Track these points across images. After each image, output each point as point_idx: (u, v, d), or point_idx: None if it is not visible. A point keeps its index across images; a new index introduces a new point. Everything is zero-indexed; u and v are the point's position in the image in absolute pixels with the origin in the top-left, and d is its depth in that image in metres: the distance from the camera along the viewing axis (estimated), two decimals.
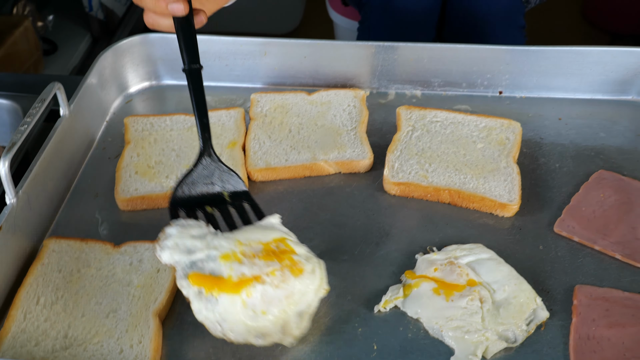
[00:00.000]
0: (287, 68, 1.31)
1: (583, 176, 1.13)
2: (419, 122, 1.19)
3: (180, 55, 0.98)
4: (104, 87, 1.26)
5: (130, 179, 1.10)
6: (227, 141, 1.17)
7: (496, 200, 1.05)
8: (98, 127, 1.24)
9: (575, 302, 0.93)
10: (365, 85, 1.32)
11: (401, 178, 1.09)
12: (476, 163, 1.11)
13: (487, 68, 1.28)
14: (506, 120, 1.19)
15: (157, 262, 0.98)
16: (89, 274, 0.97)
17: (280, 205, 1.09)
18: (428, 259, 0.97)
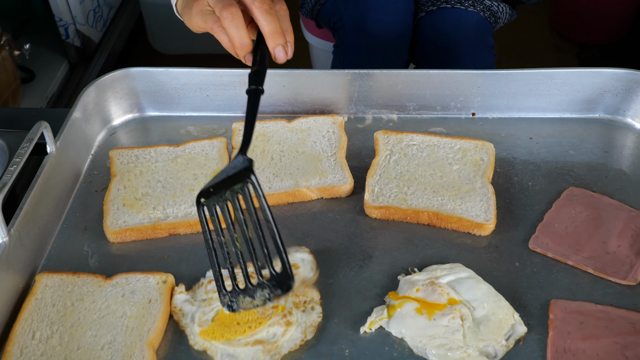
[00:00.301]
0: (267, 97, 1.31)
1: (555, 193, 1.17)
2: (396, 145, 1.23)
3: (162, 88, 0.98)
4: (88, 121, 1.29)
5: (118, 211, 1.13)
6: (211, 171, 1.20)
7: (473, 221, 1.10)
8: (84, 161, 1.27)
9: (551, 317, 0.97)
10: (343, 111, 1.36)
11: (381, 202, 1.13)
12: (453, 184, 1.16)
13: (459, 91, 1.32)
14: (480, 142, 1.24)
15: (148, 293, 1.01)
16: (82, 307, 0.99)
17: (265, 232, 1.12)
18: (410, 280, 1.01)
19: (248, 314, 0.95)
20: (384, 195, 1.14)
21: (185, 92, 1.35)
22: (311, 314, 0.98)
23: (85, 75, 2.70)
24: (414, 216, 1.12)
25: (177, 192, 1.16)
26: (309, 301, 0.99)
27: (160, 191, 1.17)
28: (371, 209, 1.12)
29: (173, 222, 1.11)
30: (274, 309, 0.96)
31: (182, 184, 1.18)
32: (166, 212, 1.13)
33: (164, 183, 1.18)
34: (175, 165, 1.22)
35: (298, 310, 0.97)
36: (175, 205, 1.14)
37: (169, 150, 1.25)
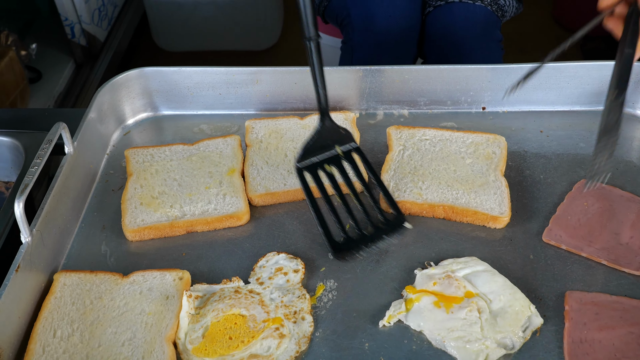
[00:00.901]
0: (279, 94, 1.35)
1: (566, 186, 1.18)
2: (409, 141, 1.24)
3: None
4: (103, 121, 1.30)
5: (136, 210, 1.14)
6: (226, 169, 1.21)
7: (488, 214, 1.11)
8: (100, 161, 1.28)
9: (567, 308, 0.98)
10: (355, 107, 1.36)
11: (397, 197, 1.14)
12: (466, 178, 1.17)
13: (470, 86, 1.33)
14: (491, 135, 1.25)
15: (165, 289, 1.02)
16: (101, 305, 1.01)
17: (282, 228, 1.13)
18: (427, 274, 1.02)
19: (240, 328, 0.95)
20: (400, 190, 1.15)
21: (198, 90, 1.35)
22: (302, 324, 0.98)
23: (91, 74, 2.71)
24: (430, 210, 1.13)
25: (193, 190, 1.17)
26: (299, 311, 0.99)
27: (177, 189, 1.18)
28: (387, 205, 1.13)
29: (190, 220, 1.12)
30: (265, 323, 0.97)
31: (197, 182, 1.19)
32: (183, 210, 1.14)
33: (180, 181, 1.19)
34: (190, 164, 1.23)
35: (289, 322, 0.98)
36: (192, 203, 1.15)
37: (184, 148, 1.26)
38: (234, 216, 1.13)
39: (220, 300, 0.99)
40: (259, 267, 1.06)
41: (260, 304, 0.99)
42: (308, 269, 1.06)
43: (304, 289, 1.03)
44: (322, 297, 1.02)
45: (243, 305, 0.98)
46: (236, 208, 1.14)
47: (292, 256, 1.07)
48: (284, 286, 1.03)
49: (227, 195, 1.16)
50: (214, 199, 1.16)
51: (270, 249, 1.09)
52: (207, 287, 1.03)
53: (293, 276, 1.04)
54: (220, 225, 1.13)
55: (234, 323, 0.96)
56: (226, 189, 1.17)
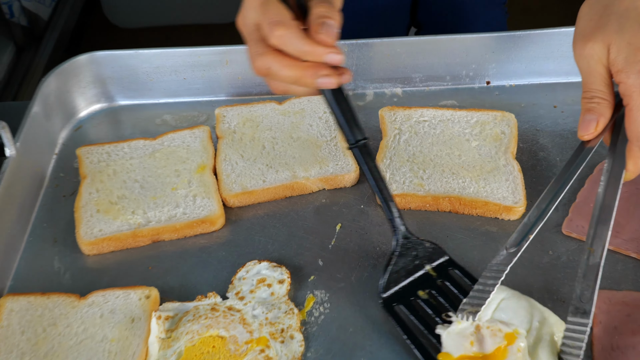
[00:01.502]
0: (252, 76, 1.32)
1: (587, 169, 1.16)
2: (404, 123, 1.22)
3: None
4: (50, 115, 1.26)
5: (92, 218, 1.11)
6: (195, 165, 1.18)
7: (500, 204, 1.09)
8: (47, 162, 1.24)
9: (594, 310, 0.96)
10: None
11: (395, 189, 1.12)
12: (473, 164, 1.15)
13: (471, 58, 1.31)
14: (499, 113, 1.23)
15: (130, 311, 0.99)
16: (56, 333, 0.98)
17: (263, 232, 1.11)
18: (455, 333, 0.96)
19: (219, 352, 0.93)
20: (398, 182, 1.13)
21: (159, 76, 1.33)
22: (291, 343, 0.96)
23: (35, 59, 2.67)
24: (434, 203, 1.11)
25: (158, 193, 1.14)
26: (287, 329, 0.97)
27: (139, 192, 1.15)
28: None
29: (156, 228, 1.10)
30: (247, 344, 0.94)
31: (163, 182, 1.16)
32: (147, 217, 1.11)
33: (142, 183, 1.16)
34: (153, 162, 1.20)
35: (276, 342, 0.95)
36: (157, 207, 1.12)
37: (145, 144, 1.23)
38: (207, 220, 1.10)
39: (195, 321, 0.96)
40: (238, 279, 1.04)
41: (241, 323, 0.96)
42: (295, 279, 1.04)
43: (291, 302, 1.00)
44: (313, 311, 1.00)
45: (222, 325, 0.95)
46: (209, 211, 1.11)
47: (276, 264, 1.05)
48: (268, 300, 1.00)
49: (198, 197, 1.13)
50: (183, 201, 1.13)
51: (250, 258, 1.07)
52: (178, 305, 1.00)
53: (278, 288, 1.02)
54: (191, 232, 1.11)
55: (211, 347, 0.94)
56: (196, 189, 1.14)
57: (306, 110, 1.27)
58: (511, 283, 1.00)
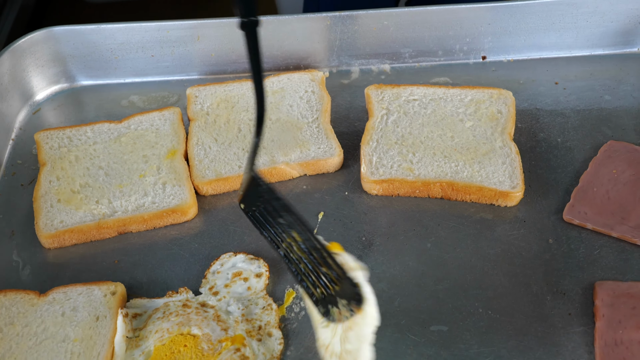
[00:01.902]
0: (227, 53, 1.32)
1: (590, 150, 1.17)
2: (393, 103, 1.22)
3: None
4: (5, 97, 1.26)
5: (53, 209, 1.11)
6: (164, 150, 1.18)
7: (496, 189, 1.09)
8: (3, 148, 1.24)
9: (597, 303, 0.97)
10: (323, 64, 1.34)
11: (382, 174, 1.12)
12: (467, 146, 1.15)
13: (465, 31, 1.31)
14: (495, 90, 1.23)
15: (94, 308, 0.99)
16: (14, 333, 0.98)
17: (239, 222, 1.11)
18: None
19: (191, 352, 0.93)
20: (385, 166, 1.13)
21: (124, 53, 1.32)
22: (270, 341, 0.96)
23: None
24: (424, 189, 1.11)
25: (124, 180, 1.14)
26: (264, 326, 0.98)
27: (104, 180, 1.15)
28: (370, 184, 1.11)
29: (123, 218, 1.10)
30: (222, 343, 0.94)
31: (129, 169, 1.16)
32: (113, 206, 1.11)
33: (107, 170, 1.16)
34: (119, 147, 1.19)
35: (253, 340, 0.96)
36: (123, 196, 1.12)
37: (110, 127, 1.23)
38: (178, 210, 1.10)
39: (165, 318, 0.96)
40: (212, 273, 1.04)
41: (215, 320, 0.96)
42: (273, 272, 1.04)
43: (270, 297, 1.01)
44: (293, 307, 1.00)
45: (194, 323, 0.95)
46: (180, 200, 1.11)
47: (253, 257, 1.05)
48: (244, 295, 1.01)
49: (168, 184, 1.13)
50: (152, 189, 1.13)
51: (225, 250, 1.07)
52: (147, 302, 1.01)
53: (255, 282, 1.02)
54: (160, 222, 1.11)
55: (183, 346, 0.94)
56: (166, 176, 1.14)
57: (286, 89, 1.27)
58: (509, 273, 1.01)
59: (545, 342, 0.94)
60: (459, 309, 0.98)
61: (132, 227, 1.10)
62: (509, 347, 0.94)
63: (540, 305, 0.98)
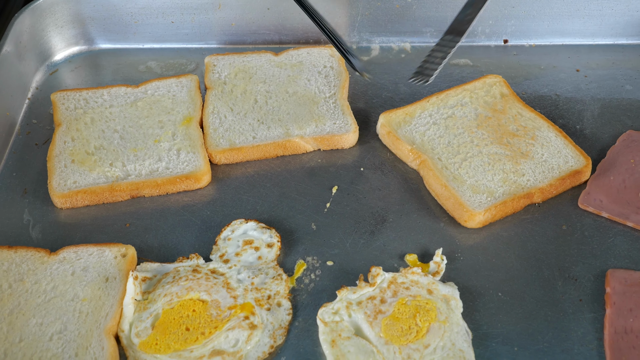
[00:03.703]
0: (247, 23, 1.32)
1: (608, 139, 1.17)
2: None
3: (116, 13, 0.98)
4: (23, 56, 1.26)
5: (67, 169, 1.11)
6: (180, 117, 1.18)
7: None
8: (19, 107, 1.24)
9: (608, 290, 0.97)
10: (344, 39, 1.33)
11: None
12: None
13: (488, 13, 1.31)
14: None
15: (104, 269, 0.99)
16: (23, 289, 0.98)
17: (252, 192, 1.11)
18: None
19: (199, 317, 0.93)
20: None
21: (145, 18, 1.32)
22: (278, 311, 0.96)
23: None
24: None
25: (139, 145, 1.14)
26: (274, 295, 0.98)
27: (118, 143, 1.15)
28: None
29: (136, 182, 1.10)
30: (231, 310, 0.94)
31: (144, 133, 1.16)
32: (127, 170, 1.11)
33: (122, 133, 1.16)
34: (135, 111, 1.19)
35: (262, 309, 0.96)
36: (137, 160, 1.12)
37: (127, 91, 1.23)
38: (191, 177, 1.10)
39: (175, 282, 0.96)
40: (223, 239, 1.04)
41: (225, 287, 0.97)
42: (285, 243, 1.04)
43: (280, 267, 1.01)
44: (303, 278, 1.00)
45: (203, 288, 0.96)
46: (194, 167, 1.11)
47: (265, 226, 1.05)
48: (254, 264, 1.01)
49: (182, 151, 1.13)
50: (166, 155, 1.13)
51: (237, 218, 1.07)
52: (157, 266, 1.01)
53: (266, 252, 1.02)
54: (173, 188, 1.11)
55: (191, 310, 0.94)
56: (181, 142, 1.14)
57: (304, 63, 1.26)
58: (521, 257, 1.01)
59: (555, 327, 0.94)
60: (469, 289, 0.98)
61: (145, 192, 1.11)
62: (518, 330, 0.94)
63: (551, 289, 0.98)
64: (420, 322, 0.92)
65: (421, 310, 0.93)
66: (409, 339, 0.90)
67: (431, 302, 0.94)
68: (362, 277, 0.98)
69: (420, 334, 0.91)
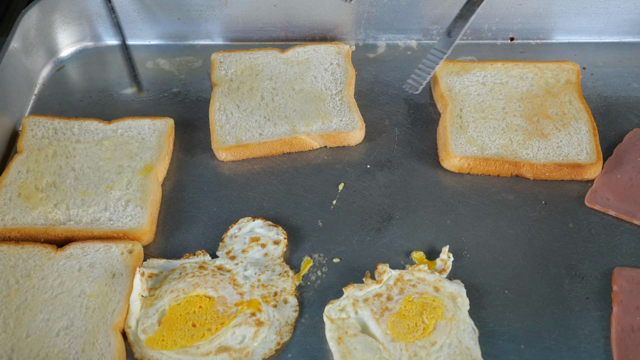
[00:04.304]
0: (254, 20, 1.32)
1: (615, 137, 1.16)
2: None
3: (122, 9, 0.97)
4: (30, 52, 1.26)
5: (10, 202, 1.08)
6: (141, 164, 1.13)
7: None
8: (25, 103, 1.25)
9: (615, 288, 0.97)
10: (350, 37, 1.34)
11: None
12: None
13: (495, 10, 1.31)
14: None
15: (111, 265, 0.99)
16: (30, 285, 0.98)
17: (258, 189, 1.11)
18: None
19: (205, 313, 0.93)
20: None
21: (151, 14, 1.32)
22: (285, 308, 0.96)
23: None
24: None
25: (90, 188, 1.10)
26: (280, 292, 0.97)
27: (71, 183, 1.10)
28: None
29: (72, 229, 1.05)
30: (237, 306, 0.94)
31: (100, 177, 1.11)
32: (69, 214, 1.07)
33: (78, 173, 1.12)
34: (99, 150, 1.15)
35: (268, 306, 0.96)
36: (82, 205, 1.07)
37: (98, 127, 1.18)
38: (131, 233, 1.04)
39: (181, 279, 0.96)
40: (230, 236, 1.04)
41: (231, 283, 0.97)
42: (291, 240, 1.04)
43: (287, 264, 1.01)
44: (309, 275, 1.01)
45: (210, 285, 0.96)
46: (137, 223, 1.05)
47: (272, 224, 1.05)
48: (261, 261, 1.01)
49: (131, 204, 1.08)
50: (113, 205, 1.08)
51: (243, 215, 1.07)
52: (164, 262, 1.01)
53: (273, 249, 1.02)
54: (108, 241, 1.04)
55: (198, 307, 0.94)
56: (132, 194, 1.09)
57: (311, 60, 1.26)
58: (527, 254, 1.01)
59: (562, 325, 0.94)
60: (475, 286, 0.98)
61: (79, 240, 1.04)
62: (525, 327, 0.94)
63: (558, 287, 0.98)
64: (427, 320, 0.91)
65: (428, 307, 0.92)
66: (415, 336, 0.90)
67: (438, 299, 0.94)
68: (368, 274, 0.98)
69: (427, 331, 0.91)
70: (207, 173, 1.13)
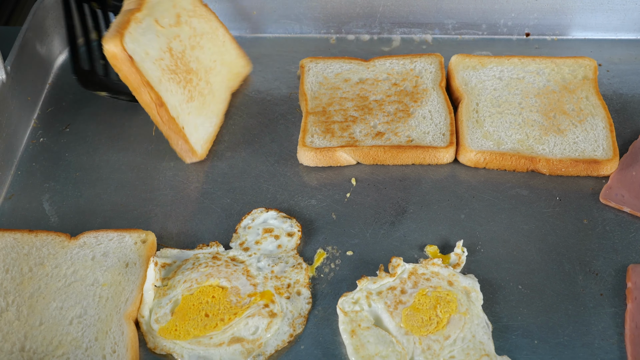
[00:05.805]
0: (269, 12, 1.33)
1: (631, 133, 1.16)
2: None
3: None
4: (44, 41, 1.26)
5: None
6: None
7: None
8: (39, 92, 1.25)
9: (630, 285, 0.97)
10: (364, 29, 1.34)
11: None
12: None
13: (511, 5, 1.30)
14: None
15: (124, 255, 1.00)
16: (43, 273, 0.98)
17: (272, 180, 1.11)
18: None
19: (219, 303, 0.94)
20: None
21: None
22: (298, 300, 0.96)
23: None
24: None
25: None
26: (294, 284, 0.98)
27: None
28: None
29: None
30: (250, 297, 0.94)
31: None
32: None
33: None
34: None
35: (281, 297, 0.96)
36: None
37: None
38: None
39: (194, 269, 0.97)
40: (243, 227, 1.04)
41: (244, 274, 0.97)
42: (305, 232, 1.04)
43: (300, 256, 1.01)
44: (323, 267, 1.01)
45: (223, 275, 0.96)
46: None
47: (286, 215, 1.05)
48: (274, 253, 1.01)
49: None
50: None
51: (257, 206, 1.07)
52: (177, 252, 1.01)
53: (286, 240, 1.02)
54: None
55: (211, 297, 0.94)
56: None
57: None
58: (541, 250, 1.01)
59: (575, 321, 0.94)
60: (489, 281, 0.98)
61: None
62: (538, 323, 0.94)
63: (572, 283, 0.98)
64: (440, 314, 0.92)
65: (442, 301, 0.93)
66: (429, 329, 0.90)
67: (452, 293, 0.94)
68: (382, 267, 0.98)
69: (441, 325, 0.91)
70: (220, 164, 1.13)
